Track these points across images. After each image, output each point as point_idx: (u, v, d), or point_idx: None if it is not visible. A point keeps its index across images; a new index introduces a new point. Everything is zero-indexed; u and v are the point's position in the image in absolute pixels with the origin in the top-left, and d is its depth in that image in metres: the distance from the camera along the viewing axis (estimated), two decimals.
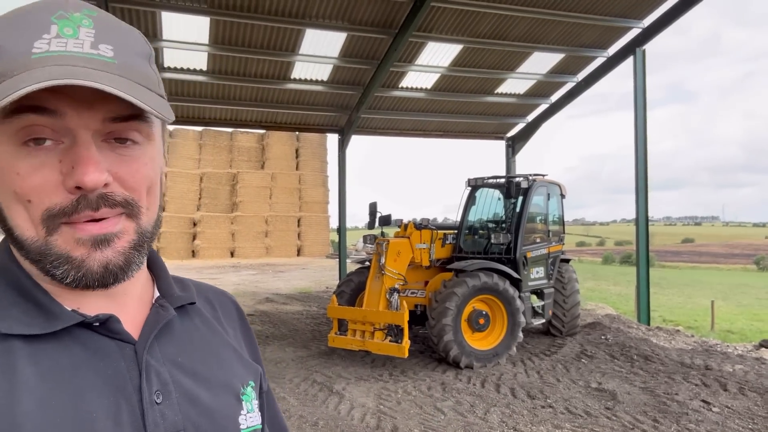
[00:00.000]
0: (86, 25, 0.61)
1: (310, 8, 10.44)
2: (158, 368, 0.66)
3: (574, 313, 8.96)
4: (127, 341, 0.66)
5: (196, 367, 0.71)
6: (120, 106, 0.60)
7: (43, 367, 0.59)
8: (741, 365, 7.15)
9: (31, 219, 0.60)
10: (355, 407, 5.66)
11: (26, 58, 0.57)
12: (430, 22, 11.09)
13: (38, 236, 0.61)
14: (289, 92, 13.47)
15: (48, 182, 0.59)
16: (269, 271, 25.41)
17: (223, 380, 0.73)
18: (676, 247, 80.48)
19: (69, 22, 0.60)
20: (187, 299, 0.77)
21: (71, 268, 0.61)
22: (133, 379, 0.64)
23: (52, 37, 0.59)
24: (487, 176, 8.80)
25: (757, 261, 45.59)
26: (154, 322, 0.70)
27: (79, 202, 0.60)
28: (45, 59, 0.57)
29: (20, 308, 0.62)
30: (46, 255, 0.61)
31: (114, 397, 0.61)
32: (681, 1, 10.71)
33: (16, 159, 0.59)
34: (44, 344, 0.61)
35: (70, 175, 0.59)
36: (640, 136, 11.46)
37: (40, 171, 0.59)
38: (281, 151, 35.51)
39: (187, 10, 10.09)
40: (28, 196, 0.59)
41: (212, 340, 0.77)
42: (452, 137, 17.19)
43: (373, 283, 7.47)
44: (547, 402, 5.86)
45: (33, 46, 0.58)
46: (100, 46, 0.60)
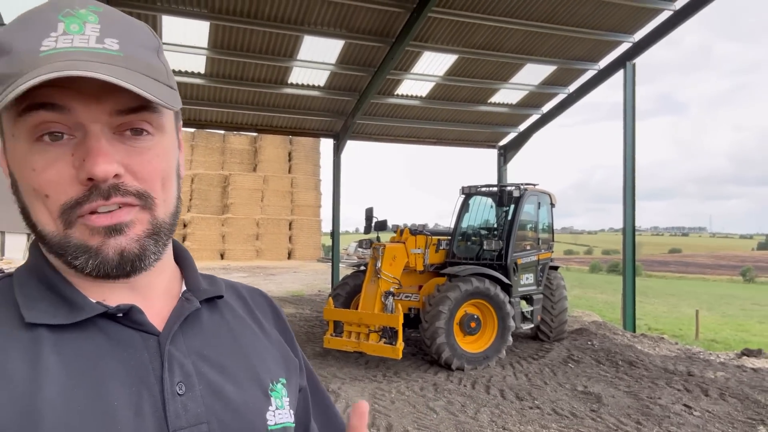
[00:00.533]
0: (92, 21, 0.62)
1: (309, 15, 10.63)
2: (182, 360, 0.67)
3: (561, 319, 9.20)
4: (150, 332, 0.66)
5: (222, 360, 0.71)
6: (127, 98, 0.61)
7: (67, 356, 0.61)
8: (723, 372, 7.41)
9: (50, 214, 0.62)
10: (350, 406, 5.82)
11: (35, 56, 0.58)
12: (426, 32, 11.32)
13: (58, 230, 0.63)
14: (286, 97, 13.65)
15: (62, 176, 0.61)
16: (260, 273, 25.49)
17: (251, 375, 0.73)
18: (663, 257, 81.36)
19: (75, 19, 0.61)
20: (214, 292, 0.77)
21: (89, 257, 0.62)
22: (155, 369, 0.64)
23: (59, 35, 0.60)
24: (481, 184, 9.04)
25: (743, 272, 46.28)
26: (178, 314, 0.70)
27: (91, 192, 0.61)
28: (52, 56, 0.58)
29: (48, 301, 0.64)
30: (67, 247, 0.63)
31: (136, 387, 0.62)
32: (671, 17, 11.03)
33: (31, 155, 0.61)
34: (69, 334, 0.62)
35: (81, 168, 0.60)
36: (629, 147, 11.76)
37: (54, 166, 0.61)
38: (274, 153, 35.66)
39: (187, 14, 10.24)
40: (45, 191, 0.61)
41: (242, 334, 0.77)
42: (445, 145, 17.42)
43: (369, 287, 7.66)
44: (535, 403, 6.07)
45: (41, 45, 0.59)
46: (105, 40, 0.61)
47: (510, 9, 10.76)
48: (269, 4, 10.23)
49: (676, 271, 54.06)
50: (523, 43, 12.05)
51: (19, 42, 0.60)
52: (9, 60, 0.60)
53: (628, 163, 11.74)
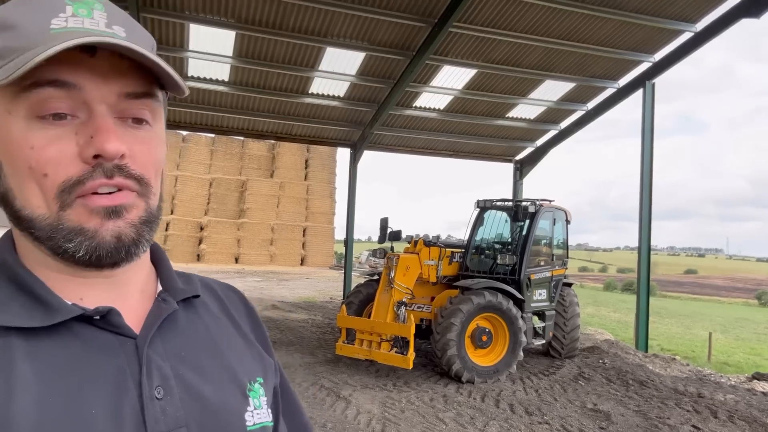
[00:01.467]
0: (98, 9, 0.63)
1: (332, 27, 10.84)
2: (160, 363, 0.65)
3: (573, 336, 9.21)
4: (127, 335, 0.64)
5: (200, 361, 0.70)
6: (135, 82, 0.62)
7: (41, 364, 0.58)
8: (733, 395, 7.39)
9: (44, 194, 0.60)
10: (361, 413, 5.93)
11: (45, 33, 0.58)
12: (446, 47, 11.48)
13: (50, 212, 0.60)
14: (306, 106, 13.87)
15: (64, 154, 0.59)
16: (273, 278, 25.69)
17: (229, 375, 0.72)
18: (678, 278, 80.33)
19: (83, 5, 0.62)
20: (190, 292, 0.75)
21: (84, 239, 0.60)
22: (133, 374, 0.62)
23: (68, 16, 0.60)
24: (496, 199, 9.13)
25: (759, 296, 45.48)
26: (156, 316, 0.68)
27: (94, 170, 0.60)
28: (64, 34, 0.58)
29: (18, 302, 0.61)
30: (59, 230, 0.60)
31: (114, 392, 0.60)
32: (692, 38, 11.08)
33: (30, 132, 0.59)
34: (42, 339, 0.60)
35: (89, 144, 0.59)
36: (646, 167, 11.77)
37: (56, 143, 0.59)
38: (291, 160, 36.01)
39: (214, 23, 10.50)
40: (44, 170, 0.59)
41: (218, 333, 0.76)
42: (461, 157, 17.51)
43: (382, 296, 7.77)
44: (544, 419, 6.12)
45: (51, 23, 0.59)
46: (113, 27, 0.62)
47: (531, 26, 10.89)
48: (293, 16, 10.46)
49: (691, 292, 53.36)
50: (543, 60, 12.15)
51: (24, 19, 0.60)
52: (13, 35, 0.59)
53: (645, 182, 11.75)
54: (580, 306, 9.72)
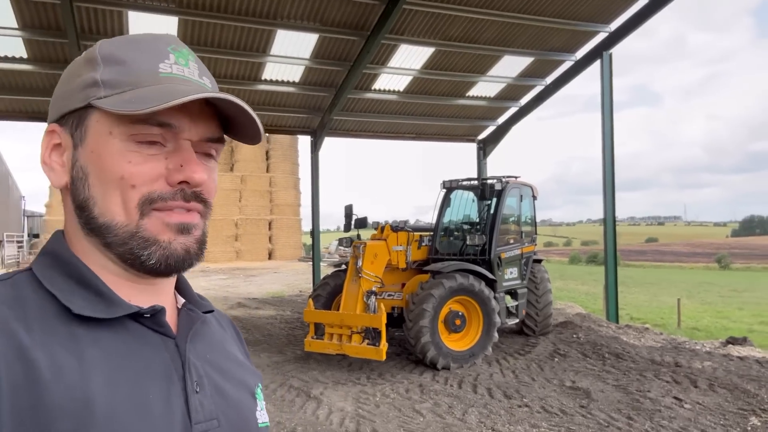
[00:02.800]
0: (192, 60, 0.73)
1: (281, 9, 10.34)
2: (195, 362, 0.72)
3: (546, 313, 9.08)
4: (169, 335, 0.72)
5: (221, 364, 0.78)
6: (213, 128, 0.73)
7: (105, 351, 0.64)
8: (710, 362, 7.35)
9: (125, 204, 0.67)
10: (333, 411, 5.61)
11: (155, 75, 0.68)
12: (402, 25, 11.11)
13: (129, 221, 0.67)
14: (260, 93, 13.33)
15: (155, 172, 0.67)
16: (240, 275, 25.06)
17: (242, 379, 0.80)
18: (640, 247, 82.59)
19: (181, 55, 0.72)
20: (208, 307, 0.84)
21: (158, 249, 0.68)
22: (177, 369, 0.70)
23: (172, 63, 0.70)
24: (462, 178, 8.86)
25: (719, 259, 47.13)
26: (189, 321, 0.76)
27: (176, 193, 0.68)
28: (171, 79, 0.68)
29: (81, 295, 0.67)
30: (136, 237, 0.67)
31: (164, 382, 0.67)
32: (646, 6, 10.99)
33: (128, 150, 0.67)
34: (103, 331, 0.66)
35: (179, 171, 0.68)
36: (607, 138, 11.70)
37: (149, 162, 0.67)
38: (251, 152, 35.14)
39: (154, 9, 9.88)
40: (134, 181, 0.67)
41: (226, 344, 0.85)
42: (425, 140, 17.27)
43: (351, 286, 7.43)
44: (524, 401, 5.91)
45: (159, 67, 0.69)
46: (203, 78, 0.73)
47: (486, 0, 10.60)
48: None
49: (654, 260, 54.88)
50: (500, 35, 11.91)
51: (133, 58, 0.69)
52: (123, 70, 0.68)
53: (607, 154, 11.70)
54: (551, 281, 9.61)
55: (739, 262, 48.00)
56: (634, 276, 32.19)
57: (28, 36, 10.04)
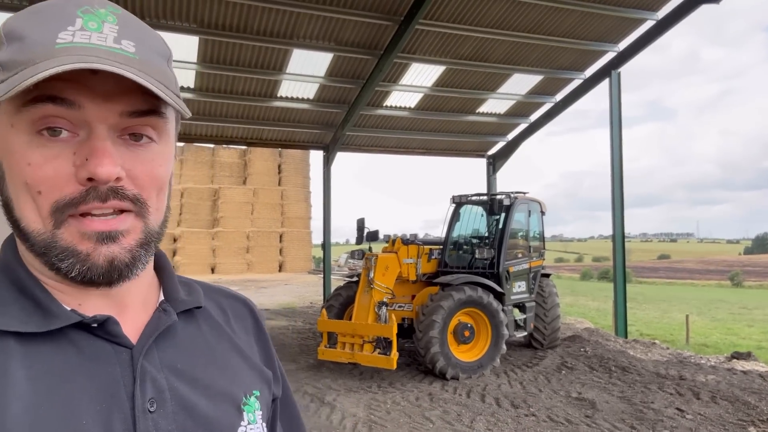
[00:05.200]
0: (110, 21, 0.61)
1: (298, 29, 10.71)
2: (154, 374, 0.64)
3: (554, 326, 9.25)
4: (124, 345, 0.64)
5: (196, 373, 0.69)
6: (138, 101, 0.61)
7: (36, 371, 0.58)
8: (713, 375, 7.48)
9: (39, 211, 0.60)
10: (346, 417, 5.83)
11: (49, 47, 0.57)
12: (414, 44, 11.45)
13: (45, 229, 0.60)
14: (276, 110, 13.70)
15: (60, 173, 0.59)
16: (251, 287, 25.38)
17: (225, 388, 0.71)
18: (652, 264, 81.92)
19: (94, 17, 0.61)
20: (192, 303, 0.74)
21: (76, 262, 0.60)
22: (127, 385, 0.62)
23: (76, 30, 0.59)
24: (471, 193, 9.11)
25: (731, 277, 46.69)
26: (154, 327, 0.68)
27: (88, 193, 0.59)
28: (68, 49, 0.57)
29: (19, 305, 0.61)
30: (52, 248, 0.60)
31: (106, 403, 0.60)
32: (654, 26, 11.26)
33: (29, 149, 0.59)
34: (39, 345, 0.59)
35: (83, 167, 0.59)
36: (616, 155, 11.92)
37: (52, 162, 0.59)
38: (263, 166, 35.64)
39: (176, 29, 10.28)
40: (39, 187, 0.59)
41: (217, 346, 0.75)
42: (435, 155, 17.54)
43: (362, 297, 7.68)
44: (530, 411, 6.10)
45: (57, 37, 0.58)
46: (122, 41, 0.60)
47: (496, 21, 10.92)
48: (258, 19, 10.31)
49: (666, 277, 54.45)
50: (510, 54, 12.21)
51: (32, 31, 0.59)
52: (20, 47, 0.58)
53: (615, 171, 11.90)
54: (559, 296, 9.78)
55: (751, 279, 47.55)
56: (645, 293, 32.05)
57: None
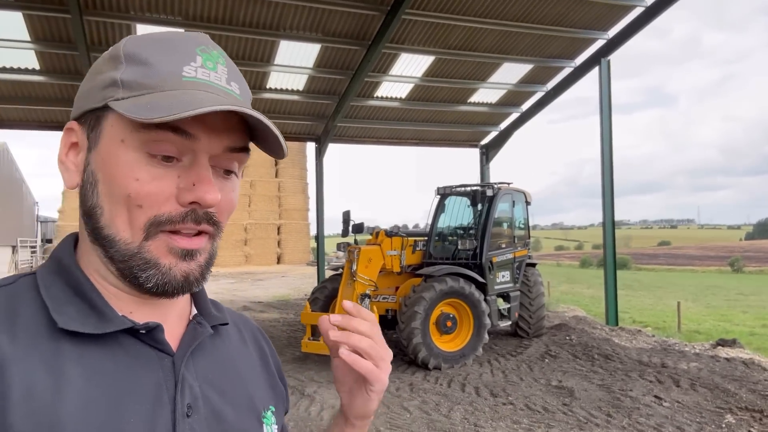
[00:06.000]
0: (222, 63, 0.68)
1: (284, 20, 10.67)
2: (191, 382, 0.69)
3: (539, 315, 9.29)
4: (167, 352, 0.68)
5: (224, 385, 0.74)
6: (239, 138, 0.67)
7: (89, 369, 0.62)
8: (696, 363, 7.52)
9: (132, 222, 0.64)
10: (325, 409, 5.89)
11: (177, 78, 0.63)
12: (402, 34, 11.40)
13: (134, 239, 0.64)
14: (266, 101, 13.69)
15: (163, 192, 0.63)
16: (248, 279, 25.45)
17: (247, 401, 0.76)
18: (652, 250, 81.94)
19: (210, 57, 0.67)
20: (221, 319, 0.80)
21: (157, 273, 0.64)
22: (169, 389, 0.66)
23: (198, 66, 0.65)
24: (456, 185, 9.12)
25: (732, 263, 46.72)
26: (192, 337, 0.73)
27: (187, 214, 0.64)
28: (194, 83, 0.63)
29: (76, 307, 0.65)
30: (136, 257, 0.64)
31: (150, 405, 0.64)
32: (644, 13, 11.19)
33: (138, 165, 0.63)
34: (91, 346, 0.63)
35: (189, 191, 0.64)
36: (606, 142, 11.91)
37: (158, 181, 0.63)
38: (260, 158, 35.54)
39: (161, 22, 10.26)
40: (141, 201, 0.63)
41: (239, 361, 0.80)
42: (427, 145, 17.53)
43: (345, 290, 7.71)
44: (509, 399, 6.15)
45: (183, 70, 0.64)
46: (231, 84, 0.68)
47: (484, 9, 10.86)
48: (243, 10, 10.27)
49: (666, 263, 54.51)
50: (499, 43, 12.16)
51: (158, 59, 0.64)
52: (146, 71, 0.63)
53: (606, 158, 11.90)
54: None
55: (752, 265, 47.56)
56: (642, 279, 32.09)
57: (40, 48, 10.48)
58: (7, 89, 11.86)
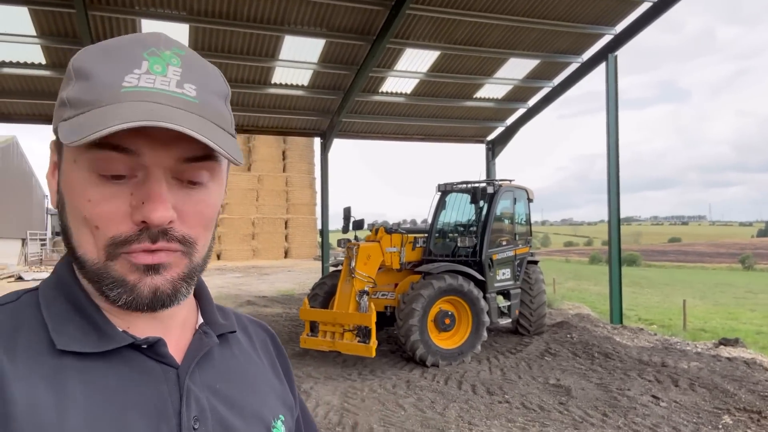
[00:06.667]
0: (174, 64, 0.63)
1: (289, 15, 10.66)
2: (197, 394, 0.68)
3: (540, 313, 9.25)
4: (170, 365, 0.68)
5: (232, 395, 0.73)
6: (194, 147, 0.62)
7: (92, 386, 0.61)
8: (697, 362, 7.46)
9: (95, 243, 0.63)
10: (320, 405, 5.90)
11: (116, 91, 0.60)
12: (407, 29, 11.36)
13: (99, 259, 0.63)
14: (271, 97, 13.70)
15: (117, 213, 0.62)
16: (254, 273, 25.56)
17: (256, 411, 0.75)
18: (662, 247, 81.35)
19: (159, 60, 0.63)
20: (228, 328, 0.79)
21: (124, 292, 0.63)
22: (173, 402, 0.66)
23: (142, 73, 0.61)
24: (457, 181, 9.09)
25: (742, 260, 46.30)
26: (197, 348, 0.72)
27: (141, 233, 0.62)
28: (133, 94, 0.59)
29: (76, 325, 0.65)
30: (104, 277, 0.63)
31: (155, 419, 0.63)
32: (651, 8, 11.07)
33: (89, 186, 0.62)
34: (94, 362, 0.63)
35: (138, 210, 0.61)
36: (612, 139, 11.83)
37: (111, 201, 0.62)
38: (268, 153, 35.72)
39: (166, 17, 10.29)
40: (96, 222, 0.62)
41: (248, 370, 0.79)
42: (433, 141, 17.47)
43: (344, 286, 7.72)
44: (505, 398, 6.13)
45: (123, 80, 0.60)
46: (185, 86, 0.63)
47: (489, 4, 10.80)
48: (248, 5, 10.27)
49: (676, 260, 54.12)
50: (505, 38, 12.08)
51: (100, 71, 0.61)
52: (87, 87, 0.61)
53: (611, 154, 11.83)
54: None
55: (763, 262, 47.12)
56: (651, 276, 31.87)
57: (46, 43, 10.55)
58: (14, 84, 11.97)
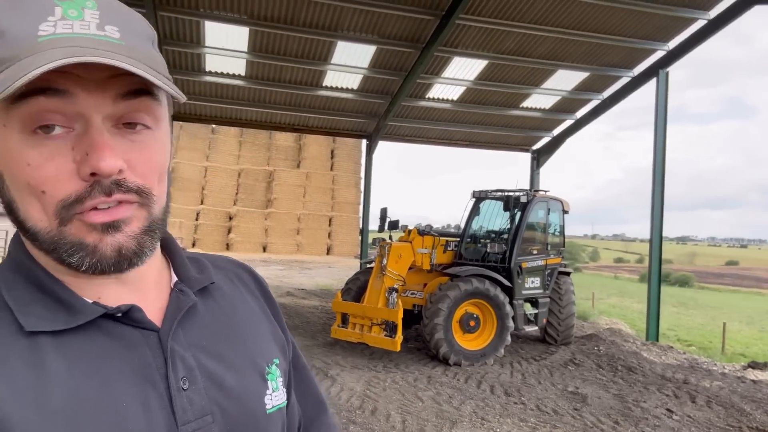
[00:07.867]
0: (90, 7, 0.59)
1: (342, 22, 11.16)
2: (183, 354, 0.67)
3: (568, 324, 9.38)
4: (150, 329, 0.66)
5: (220, 349, 0.71)
6: (130, 84, 0.59)
7: (72, 360, 0.59)
8: (720, 382, 7.46)
9: (45, 210, 0.59)
10: (344, 390, 6.31)
11: (32, 41, 0.55)
12: (455, 38, 11.66)
13: (51, 227, 0.59)
14: (321, 98, 14.26)
15: (62, 171, 0.57)
16: (296, 267, 26.33)
17: (248, 360, 0.73)
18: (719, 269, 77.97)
19: (73, 4, 0.58)
20: (205, 281, 0.76)
21: (85, 255, 0.60)
22: (159, 366, 0.64)
23: (57, 20, 0.57)
24: (492, 189, 9.35)
25: None
26: (176, 308, 0.69)
27: (92, 188, 0.58)
28: (52, 42, 0.55)
29: (41, 304, 0.62)
30: (60, 244, 0.60)
31: (142, 385, 0.62)
32: (706, 26, 11.00)
33: (26, 149, 0.57)
34: (70, 337, 0.61)
35: (85, 162, 0.57)
36: (659, 155, 11.76)
37: (52, 161, 0.57)
38: (317, 151, 36.59)
39: (228, 20, 10.97)
40: (42, 187, 0.58)
41: (234, 318, 0.77)
42: (478, 147, 17.66)
43: (375, 282, 8.12)
44: (521, 399, 6.37)
45: (38, 29, 0.56)
46: (106, 27, 0.58)
47: (539, 16, 10.97)
48: (305, 11, 10.82)
49: (732, 284, 51.87)
50: (554, 50, 12.21)
51: (12, 24, 0.56)
52: (1, 43, 0.56)
53: (657, 171, 11.76)
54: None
55: None
56: (701, 298, 30.84)
57: None
58: None
